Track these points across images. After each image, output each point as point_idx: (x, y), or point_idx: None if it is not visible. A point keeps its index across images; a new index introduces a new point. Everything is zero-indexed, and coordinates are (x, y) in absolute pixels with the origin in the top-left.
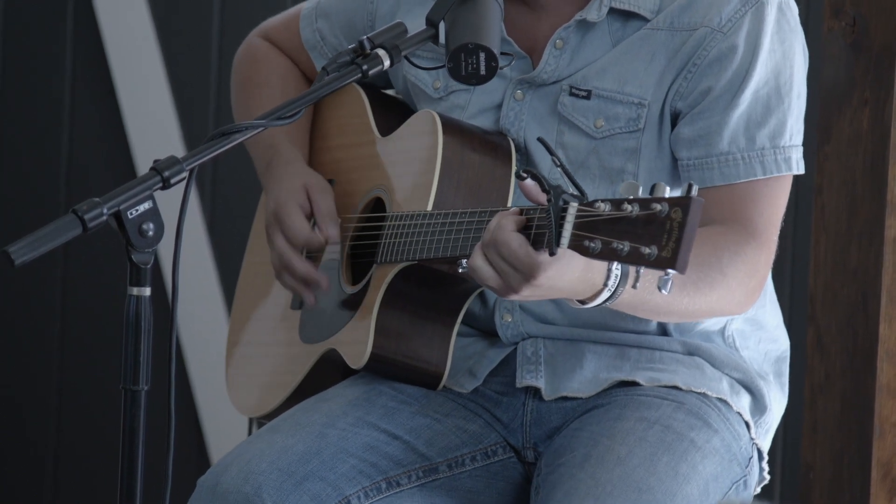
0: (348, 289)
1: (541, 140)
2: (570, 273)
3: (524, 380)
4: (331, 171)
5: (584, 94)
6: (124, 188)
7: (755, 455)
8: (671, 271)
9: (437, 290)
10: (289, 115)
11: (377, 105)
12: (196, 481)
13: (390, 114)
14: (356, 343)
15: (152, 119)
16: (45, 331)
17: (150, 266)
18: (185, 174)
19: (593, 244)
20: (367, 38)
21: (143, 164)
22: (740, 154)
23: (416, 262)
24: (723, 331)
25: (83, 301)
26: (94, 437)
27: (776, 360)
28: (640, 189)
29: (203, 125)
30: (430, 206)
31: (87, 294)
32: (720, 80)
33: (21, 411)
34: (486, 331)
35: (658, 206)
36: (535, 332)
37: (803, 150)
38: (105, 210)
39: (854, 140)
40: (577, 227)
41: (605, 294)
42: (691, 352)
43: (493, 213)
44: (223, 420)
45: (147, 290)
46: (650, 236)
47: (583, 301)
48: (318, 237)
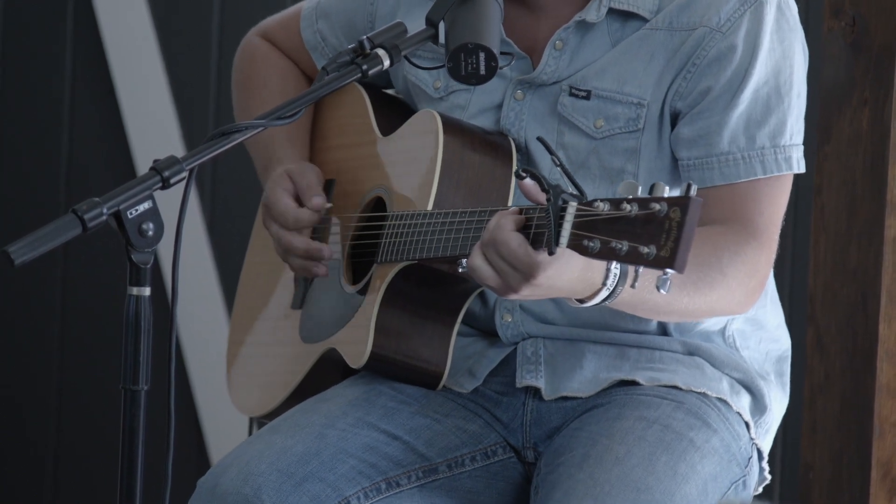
0: (348, 288)
1: (540, 139)
2: (570, 272)
3: (524, 380)
4: (332, 170)
5: (584, 94)
6: (124, 188)
7: (755, 455)
8: (670, 271)
9: (438, 289)
10: (289, 114)
11: (379, 105)
12: (196, 482)
13: (392, 114)
14: (356, 342)
15: (152, 119)
16: (45, 331)
17: (149, 266)
18: (185, 174)
19: (592, 244)
20: (367, 37)
21: (143, 164)
22: (740, 154)
23: (416, 262)
24: (723, 331)
25: (83, 301)
26: (94, 437)
27: (777, 359)
28: (640, 189)
29: (203, 125)
30: (430, 206)
31: (87, 294)
32: (719, 80)
33: (21, 411)
34: (487, 331)
35: (657, 206)
36: (535, 331)
37: (803, 149)
38: (105, 210)
39: (854, 140)
40: (576, 226)
41: (604, 293)
42: (691, 352)
43: (492, 213)
44: (223, 420)
45: (147, 290)
46: (649, 236)
47: (582, 300)
48: (307, 212)
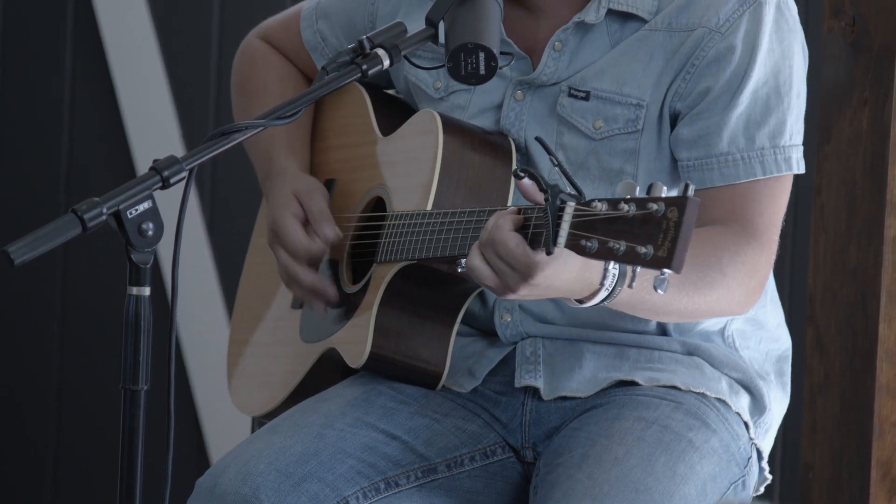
0: (348, 288)
1: (538, 140)
2: (568, 272)
3: (523, 380)
4: (332, 170)
5: (583, 95)
6: (124, 188)
7: (754, 455)
8: (667, 271)
9: (437, 289)
10: (288, 114)
11: (379, 105)
12: (195, 481)
13: (392, 114)
14: (355, 342)
15: (152, 119)
16: (45, 331)
17: (149, 266)
18: (185, 174)
19: (590, 243)
20: (367, 37)
21: (142, 164)
22: (740, 154)
23: (415, 262)
24: (723, 331)
25: (83, 301)
26: (94, 437)
27: (777, 359)
28: (637, 189)
29: (203, 125)
30: (429, 206)
31: (87, 294)
32: (719, 81)
33: (21, 411)
34: (486, 330)
35: (654, 206)
36: (534, 331)
37: (803, 149)
38: (105, 210)
39: (854, 140)
40: (573, 226)
41: (602, 293)
42: (691, 352)
43: (492, 213)
44: (223, 420)
45: (147, 290)
46: (646, 236)
47: (581, 300)
48: (318, 244)
